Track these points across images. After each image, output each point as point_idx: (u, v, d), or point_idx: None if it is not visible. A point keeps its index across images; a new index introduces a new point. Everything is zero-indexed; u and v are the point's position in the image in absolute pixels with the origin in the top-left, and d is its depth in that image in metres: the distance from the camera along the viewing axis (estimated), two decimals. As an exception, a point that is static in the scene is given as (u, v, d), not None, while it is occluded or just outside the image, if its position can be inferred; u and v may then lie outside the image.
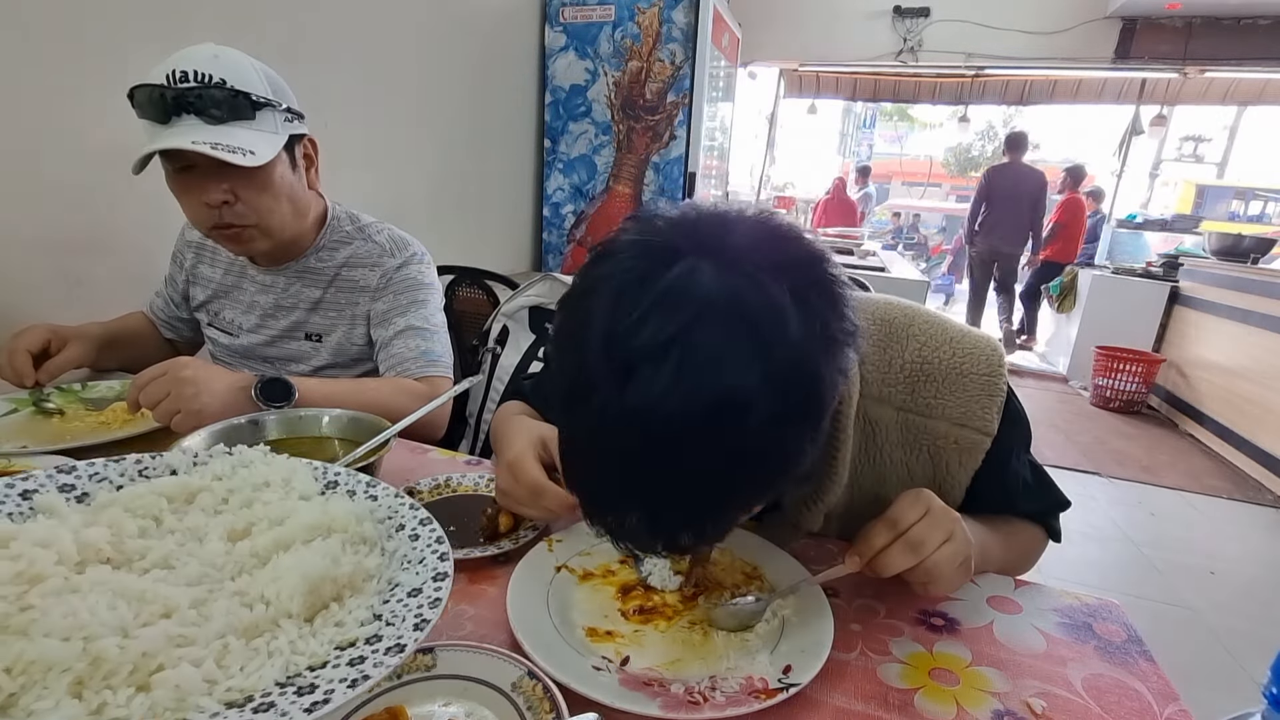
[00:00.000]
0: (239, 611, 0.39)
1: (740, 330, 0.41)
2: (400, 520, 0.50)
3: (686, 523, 0.46)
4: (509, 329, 1.36)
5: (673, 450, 0.41)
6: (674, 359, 0.40)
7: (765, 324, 0.42)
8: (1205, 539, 2.66)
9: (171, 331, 1.23)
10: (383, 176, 2.15)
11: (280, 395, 0.86)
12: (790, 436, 0.44)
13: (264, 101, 0.91)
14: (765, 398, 0.41)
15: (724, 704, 0.46)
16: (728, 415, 0.40)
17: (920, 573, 0.54)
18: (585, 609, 0.58)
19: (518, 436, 0.69)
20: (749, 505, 0.48)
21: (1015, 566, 0.72)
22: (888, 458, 0.67)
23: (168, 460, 0.53)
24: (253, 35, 1.60)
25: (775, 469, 0.45)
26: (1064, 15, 4.32)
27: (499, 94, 2.73)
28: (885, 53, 4.63)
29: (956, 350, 0.66)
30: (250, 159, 0.88)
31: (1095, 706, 0.50)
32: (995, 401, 0.64)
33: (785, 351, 0.41)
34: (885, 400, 0.66)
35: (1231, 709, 0.36)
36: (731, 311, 0.41)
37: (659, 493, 0.44)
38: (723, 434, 0.41)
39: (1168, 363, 3.99)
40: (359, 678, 0.35)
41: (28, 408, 0.94)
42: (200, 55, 0.87)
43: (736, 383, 0.40)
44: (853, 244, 4.29)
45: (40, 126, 1.20)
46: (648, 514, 0.45)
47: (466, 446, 1.40)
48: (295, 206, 1.01)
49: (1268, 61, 4.26)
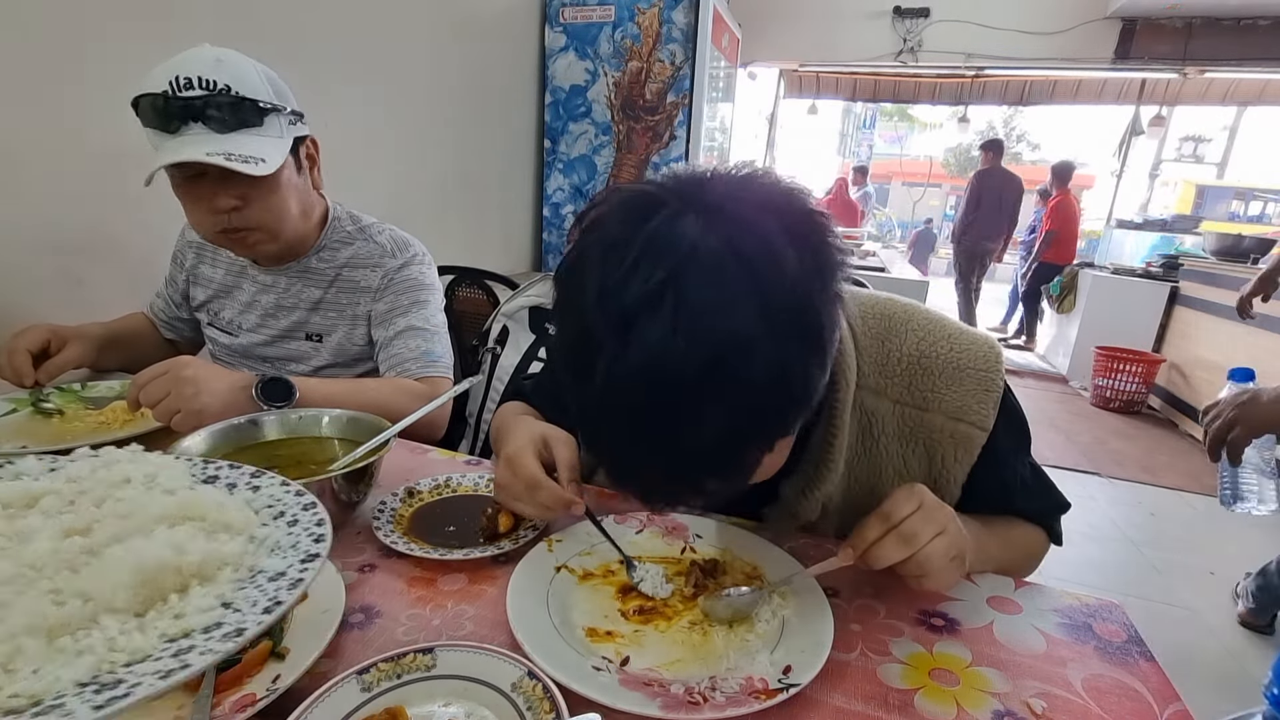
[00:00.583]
0: (47, 610, 0.36)
1: (730, 266, 0.42)
2: (281, 508, 0.49)
3: (708, 467, 0.46)
4: (509, 329, 1.36)
5: (682, 396, 0.42)
6: (669, 303, 0.41)
7: (756, 258, 0.42)
8: (1205, 539, 2.66)
9: (172, 332, 1.23)
10: (383, 176, 2.15)
11: (281, 395, 0.86)
12: (795, 365, 0.44)
13: (270, 107, 0.91)
14: (764, 331, 0.42)
15: (724, 704, 0.46)
16: (730, 353, 0.41)
17: (912, 565, 0.54)
18: (585, 609, 0.58)
19: (518, 433, 0.70)
20: (766, 441, 0.49)
21: (1016, 567, 0.72)
22: (884, 450, 0.68)
23: (18, 467, 0.51)
24: (253, 35, 1.60)
25: (785, 400, 0.46)
26: (1064, 15, 4.33)
27: (499, 94, 2.73)
28: (885, 53, 4.63)
29: (954, 345, 0.66)
30: (261, 167, 0.88)
31: (1095, 707, 0.50)
32: (991, 397, 0.65)
33: (779, 282, 0.42)
34: (882, 393, 0.67)
35: (1231, 709, 0.36)
36: (720, 249, 0.42)
37: (676, 441, 0.44)
38: (728, 373, 0.41)
39: (1168, 363, 3.99)
40: (177, 668, 0.33)
41: (27, 408, 0.94)
42: (203, 60, 0.87)
43: (734, 320, 0.41)
44: (853, 244, 4.29)
45: (41, 126, 1.20)
46: (669, 463, 0.46)
47: (466, 446, 1.40)
48: (302, 208, 1.02)
49: (1267, 62, 4.26)
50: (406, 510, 0.73)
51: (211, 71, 0.86)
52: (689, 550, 0.68)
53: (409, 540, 0.66)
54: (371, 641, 0.53)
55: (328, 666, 0.50)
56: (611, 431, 0.47)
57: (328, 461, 0.74)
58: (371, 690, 0.45)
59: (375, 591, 0.60)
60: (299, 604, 0.54)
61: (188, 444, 0.71)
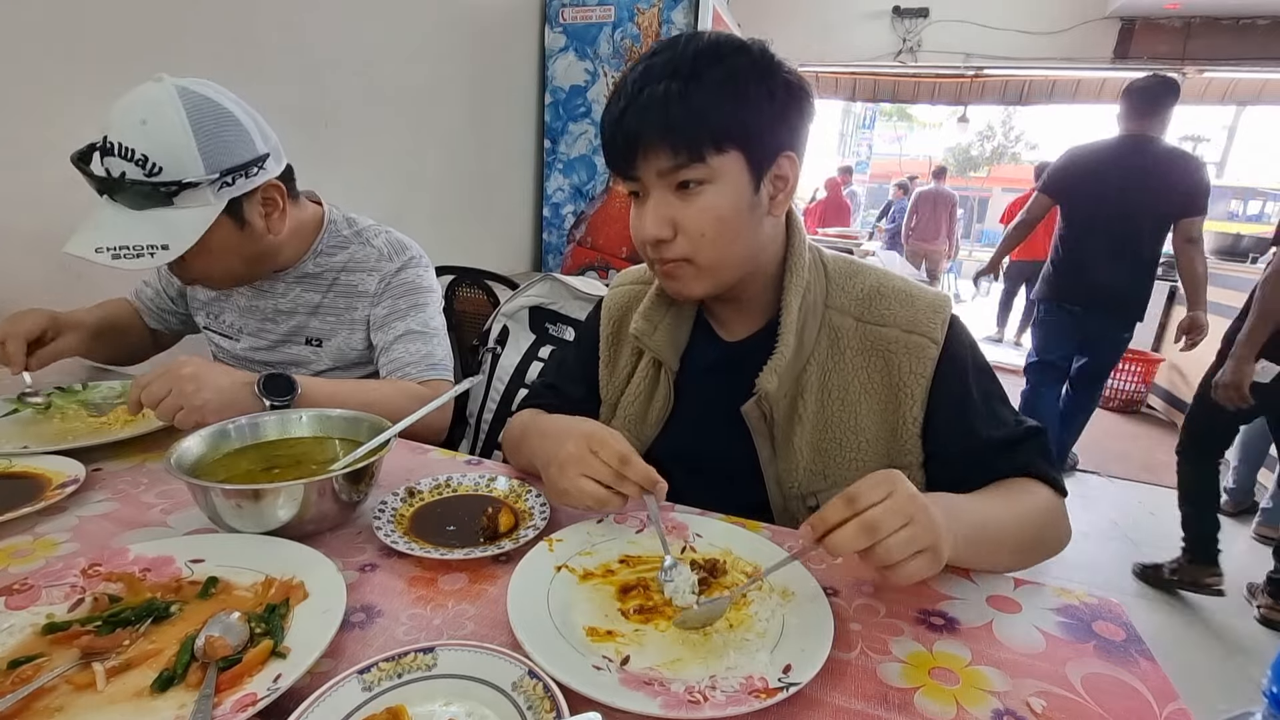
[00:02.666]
0: None
1: (727, 35, 0.67)
2: None
3: (695, 104, 0.64)
4: (509, 329, 1.36)
5: (686, 62, 0.64)
6: (683, 39, 0.67)
7: (751, 41, 0.68)
8: (1205, 539, 2.65)
9: (159, 322, 1.22)
10: (383, 177, 2.16)
11: (283, 390, 0.86)
12: (756, 82, 0.66)
13: (179, 187, 0.84)
14: (749, 65, 0.66)
15: (724, 703, 0.46)
16: (725, 47, 0.66)
17: (874, 556, 0.52)
18: (585, 609, 0.58)
19: (574, 422, 0.74)
20: (729, 115, 0.65)
21: (1037, 542, 0.69)
22: (849, 364, 0.77)
23: None
24: (252, 36, 1.60)
25: (749, 102, 0.66)
26: (1063, 15, 4.33)
27: (499, 95, 2.73)
28: (884, 53, 4.63)
29: (909, 283, 0.79)
30: (161, 255, 0.85)
31: (1095, 706, 0.50)
32: (940, 316, 0.75)
33: (760, 49, 0.67)
34: (845, 311, 0.78)
35: (1231, 709, 0.36)
36: (721, 34, 0.67)
37: (681, 93, 0.64)
38: (720, 54, 0.65)
39: (1167, 362, 3.99)
40: None
41: (27, 409, 0.94)
42: (130, 121, 0.83)
43: (730, 41, 0.66)
44: (852, 244, 4.30)
45: (41, 125, 1.20)
46: (667, 102, 0.64)
47: (467, 446, 1.40)
48: (247, 258, 0.98)
49: (1266, 61, 4.27)
50: (407, 510, 0.73)
51: (134, 139, 0.82)
52: (689, 550, 0.68)
53: (409, 540, 0.66)
54: (372, 641, 0.53)
55: (328, 666, 0.50)
56: (631, 80, 0.66)
57: (328, 461, 0.74)
58: (372, 690, 0.45)
59: (376, 591, 0.60)
60: (300, 603, 0.54)
61: (188, 444, 0.71)
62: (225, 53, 1.54)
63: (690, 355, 0.84)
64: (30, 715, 0.43)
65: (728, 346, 0.83)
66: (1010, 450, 0.73)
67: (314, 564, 0.59)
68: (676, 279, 0.73)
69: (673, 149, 0.65)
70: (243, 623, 0.51)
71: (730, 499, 0.77)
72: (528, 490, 0.77)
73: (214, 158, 0.86)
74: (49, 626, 0.51)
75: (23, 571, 0.59)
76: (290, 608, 0.54)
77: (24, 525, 0.67)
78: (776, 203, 0.72)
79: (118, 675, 0.47)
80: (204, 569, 0.59)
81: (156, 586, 0.57)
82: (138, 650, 0.50)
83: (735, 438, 0.80)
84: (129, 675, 0.47)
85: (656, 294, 0.83)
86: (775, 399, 0.76)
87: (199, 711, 0.42)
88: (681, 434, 0.84)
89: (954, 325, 0.76)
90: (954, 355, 0.75)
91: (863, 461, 0.76)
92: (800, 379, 0.77)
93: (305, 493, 0.64)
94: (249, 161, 0.90)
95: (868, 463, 0.76)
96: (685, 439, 0.84)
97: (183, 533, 0.67)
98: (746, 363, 0.77)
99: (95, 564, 0.58)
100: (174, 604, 0.55)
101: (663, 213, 0.69)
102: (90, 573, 0.57)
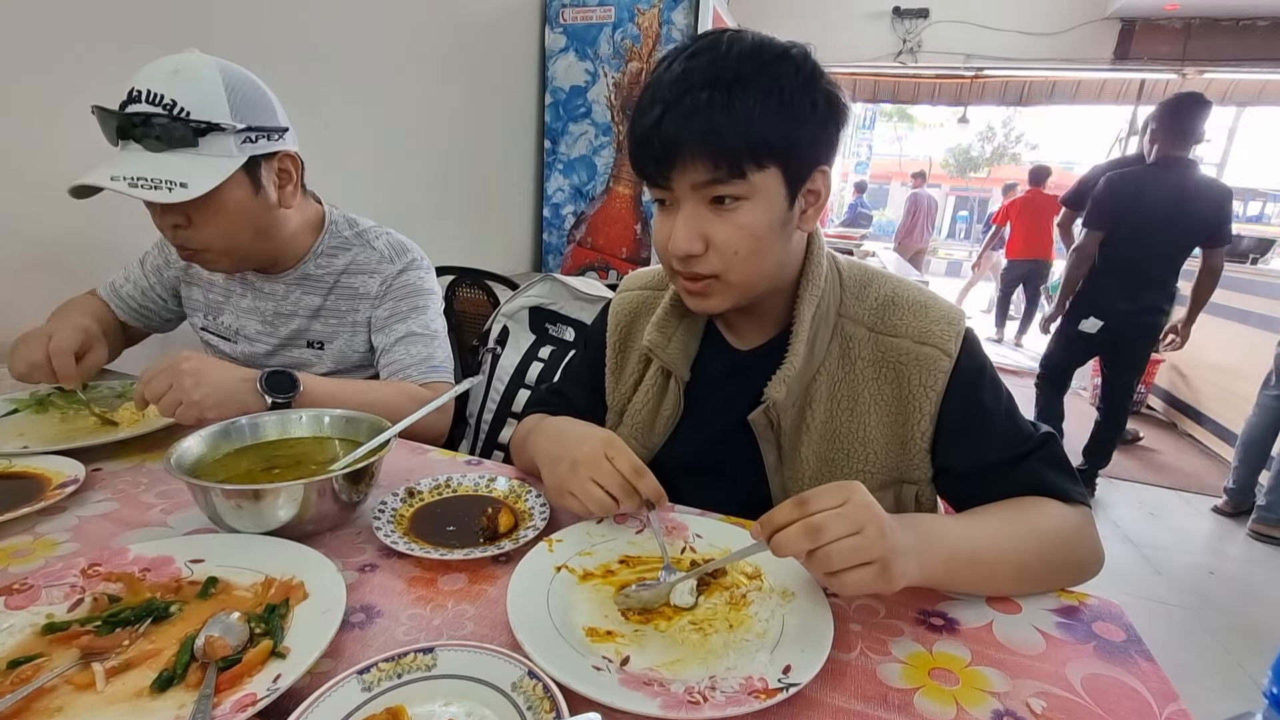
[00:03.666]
0: None
1: (769, 38, 0.66)
2: None
3: (735, 111, 0.61)
4: (509, 329, 1.36)
5: (730, 65, 0.62)
6: (725, 40, 0.65)
7: (793, 46, 0.67)
8: (1205, 539, 2.66)
9: (136, 319, 1.17)
10: (383, 177, 2.15)
11: (285, 387, 0.86)
12: (800, 93, 0.63)
13: (206, 127, 0.85)
14: (791, 70, 0.64)
15: (724, 704, 0.46)
16: (768, 53, 0.64)
17: (815, 560, 0.51)
18: (585, 609, 0.58)
19: (588, 427, 0.75)
20: (765, 123, 0.62)
21: (1046, 565, 0.65)
22: (860, 375, 0.75)
23: None
24: (252, 35, 1.60)
25: (789, 108, 0.63)
26: (1063, 16, 4.33)
27: (499, 95, 2.73)
28: (885, 53, 4.63)
29: (924, 293, 0.78)
30: (179, 192, 0.83)
31: (1095, 706, 0.50)
32: (954, 329, 0.73)
33: (802, 55, 0.66)
34: (859, 321, 0.76)
35: (1231, 709, 0.36)
36: (762, 36, 0.66)
37: (724, 98, 0.61)
38: (763, 59, 0.63)
39: (1167, 363, 3.98)
40: None
41: (29, 407, 0.94)
42: (160, 72, 0.84)
43: (773, 46, 0.65)
44: (852, 244, 4.30)
45: (41, 124, 1.20)
46: (707, 107, 0.61)
47: (467, 446, 1.40)
48: (256, 229, 0.96)
49: (1266, 62, 4.27)
50: (407, 510, 0.73)
51: (163, 84, 0.83)
52: (689, 550, 0.68)
53: (409, 540, 0.66)
54: (372, 641, 0.53)
55: (328, 666, 0.50)
56: (668, 80, 0.64)
57: (328, 461, 0.74)
58: (372, 690, 0.45)
59: (376, 591, 0.60)
60: (300, 603, 0.54)
61: (187, 444, 0.71)
62: (225, 53, 1.54)
63: (700, 364, 0.82)
64: (30, 715, 0.43)
65: (738, 355, 0.81)
66: (1020, 464, 0.71)
67: (314, 564, 0.59)
68: (705, 297, 0.71)
69: (713, 162, 0.62)
70: (242, 623, 0.51)
71: (734, 506, 0.76)
72: (528, 490, 0.77)
73: (242, 111, 0.88)
74: (49, 626, 0.51)
75: (22, 571, 0.59)
76: (290, 608, 0.54)
77: (24, 525, 0.67)
78: (806, 218, 0.70)
79: (117, 675, 0.47)
80: (204, 569, 0.59)
81: (156, 586, 0.57)
82: (137, 650, 0.50)
83: (742, 445, 0.78)
84: (129, 675, 0.47)
85: (671, 304, 0.81)
86: (783, 408, 0.75)
87: (199, 712, 0.42)
88: (688, 442, 0.83)
89: (968, 339, 0.73)
90: (966, 370, 0.72)
91: (870, 473, 0.75)
92: (810, 388, 0.75)
93: (305, 493, 0.64)
94: (273, 127, 0.93)
95: (875, 475, 0.75)
96: (692, 447, 0.83)
97: (183, 533, 0.68)
98: (756, 371, 0.75)
99: (95, 564, 0.58)
100: (174, 604, 0.55)
101: (695, 226, 0.66)
102: (90, 573, 0.57)
